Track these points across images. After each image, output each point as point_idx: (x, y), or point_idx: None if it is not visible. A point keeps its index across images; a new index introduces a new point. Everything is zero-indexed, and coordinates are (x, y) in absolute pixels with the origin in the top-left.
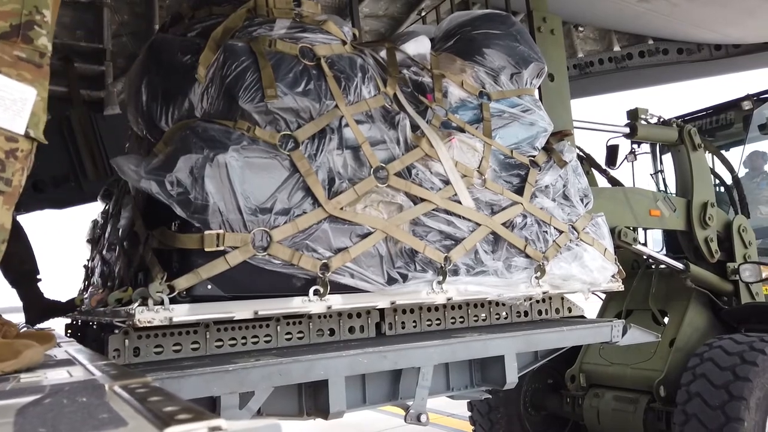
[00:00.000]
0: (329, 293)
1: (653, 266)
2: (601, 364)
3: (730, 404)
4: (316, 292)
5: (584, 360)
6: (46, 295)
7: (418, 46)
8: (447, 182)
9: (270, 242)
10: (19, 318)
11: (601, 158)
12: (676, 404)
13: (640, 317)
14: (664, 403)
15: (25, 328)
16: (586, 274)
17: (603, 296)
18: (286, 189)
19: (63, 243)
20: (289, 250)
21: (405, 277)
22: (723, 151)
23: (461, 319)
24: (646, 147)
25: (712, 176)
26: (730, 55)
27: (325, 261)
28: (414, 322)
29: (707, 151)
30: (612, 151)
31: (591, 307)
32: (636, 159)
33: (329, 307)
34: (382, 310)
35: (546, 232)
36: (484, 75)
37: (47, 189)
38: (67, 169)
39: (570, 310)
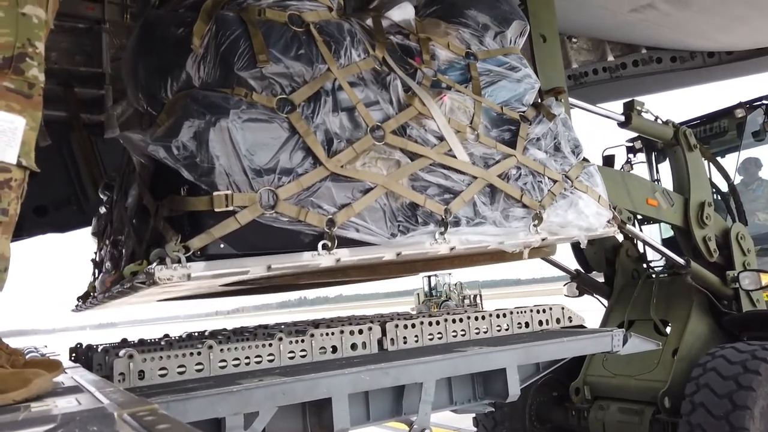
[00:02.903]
0: (336, 248)
1: (654, 275)
2: (605, 376)
3: (735, 414)
4: (324, 247)
5: (588, 372)
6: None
7: (403, 13)
8: (441, 138)
9: (276, 200)
10: (20, 342)
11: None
12: (681, 415)
13: (642, 328)
14: (669, 414)
15: (30, 355)
16: (583, 220)
17: (606, 303)
18: (287, 150)
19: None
20: (296, 207)
21: (408, 230)
22: (718, 158)
23: (462, 332)
24: (642, 156)
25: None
26: (723, 62)
27: (331, 216)
28: (416, 336)
29: (704, 158)
30: (608, 161)
31: (592, 318)
32: (632, 168)
33: (338, 260)
34: (383, 326)
35: (540, 182)
36: (469, 36)
37: (49, 213)
38: (69, 192)
39: (570, 319)
